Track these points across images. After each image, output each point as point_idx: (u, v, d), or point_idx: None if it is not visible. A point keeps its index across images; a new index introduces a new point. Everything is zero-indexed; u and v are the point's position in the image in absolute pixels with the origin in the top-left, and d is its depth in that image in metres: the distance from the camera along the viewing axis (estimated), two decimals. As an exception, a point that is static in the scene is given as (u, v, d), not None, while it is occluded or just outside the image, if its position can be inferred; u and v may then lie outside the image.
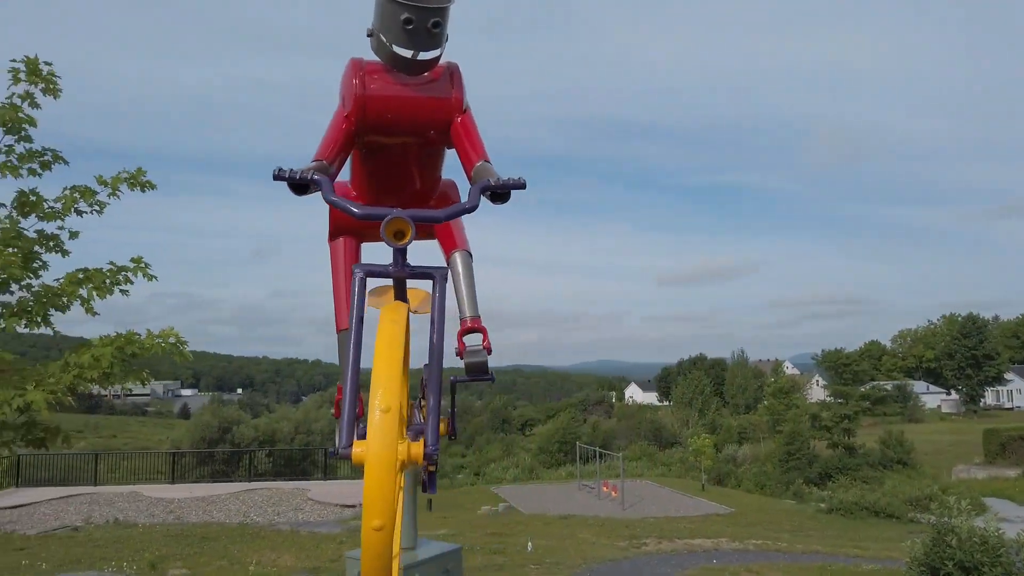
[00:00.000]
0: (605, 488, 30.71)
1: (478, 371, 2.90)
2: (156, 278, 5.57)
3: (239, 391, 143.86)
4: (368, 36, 2.76)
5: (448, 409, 3.07)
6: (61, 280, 5.18)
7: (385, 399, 1.68)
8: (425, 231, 3.28)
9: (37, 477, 24.19)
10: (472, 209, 2.47)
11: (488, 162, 2.86)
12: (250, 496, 20.96)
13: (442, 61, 3.01)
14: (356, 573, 3.02)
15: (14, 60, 5.00)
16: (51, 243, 5.49)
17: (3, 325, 4.98)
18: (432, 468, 2.94)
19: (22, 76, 5.07)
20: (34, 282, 5.30)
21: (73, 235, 5.55)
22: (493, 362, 2.90)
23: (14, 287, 5.24)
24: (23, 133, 5.20)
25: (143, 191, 5.52)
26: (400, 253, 2.23)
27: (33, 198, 5.25)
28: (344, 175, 3.23)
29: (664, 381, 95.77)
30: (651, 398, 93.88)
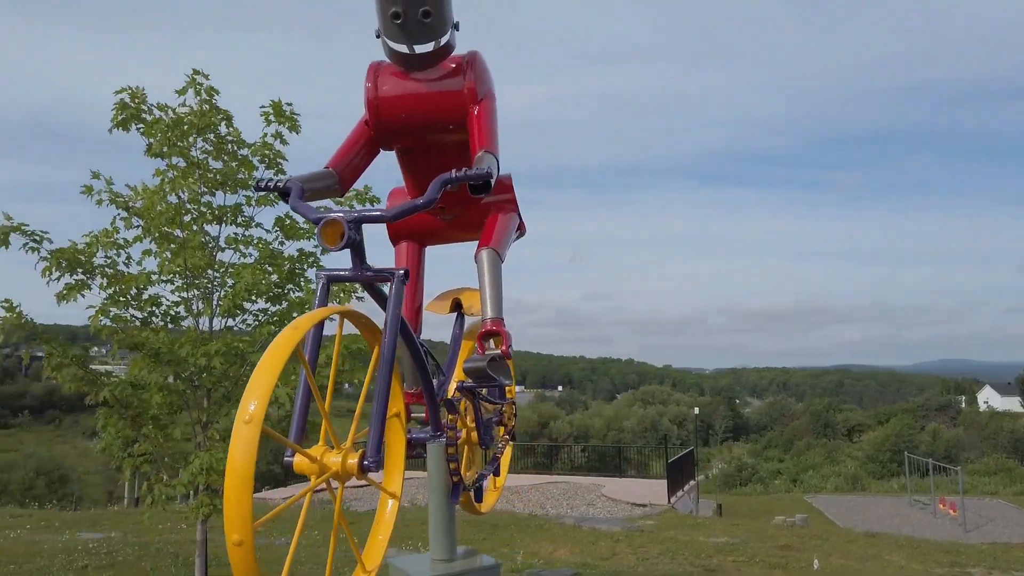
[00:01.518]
0: (942, 506, 26.82)
1: (476, 376, 2.76)
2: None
3: (559, 388, 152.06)
4: (377, 38, 2.74)
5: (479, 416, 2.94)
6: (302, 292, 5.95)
7: (255, 410, 1.62)
8: (471, 231, 3.15)
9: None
10: (427, 204, 2.33)
11: (490, 151, 2.69)
12: (549, 488, 22.01)
13: (463, 51, 2.90)
14: None
15: (263, 105, 5.87)
16: (310, 259, 6.34)
17: (266, 332, 5.86)
18: (456, 479, 2.83)
19: (272, 118, 5.92)
20: (296, 294, 6.16)
21: (324, 251, 6.35)
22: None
23: (284, 301, 6.15)
24: (279, 167, 6.07)
25: (372, 205, 6.11)
26: (357, 256, 2.18)
27: (288, 222, 6.11)
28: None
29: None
30: (1012, 403, 79.58)
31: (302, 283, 6.27)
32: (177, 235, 5.97)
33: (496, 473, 3.53)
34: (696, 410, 43.84)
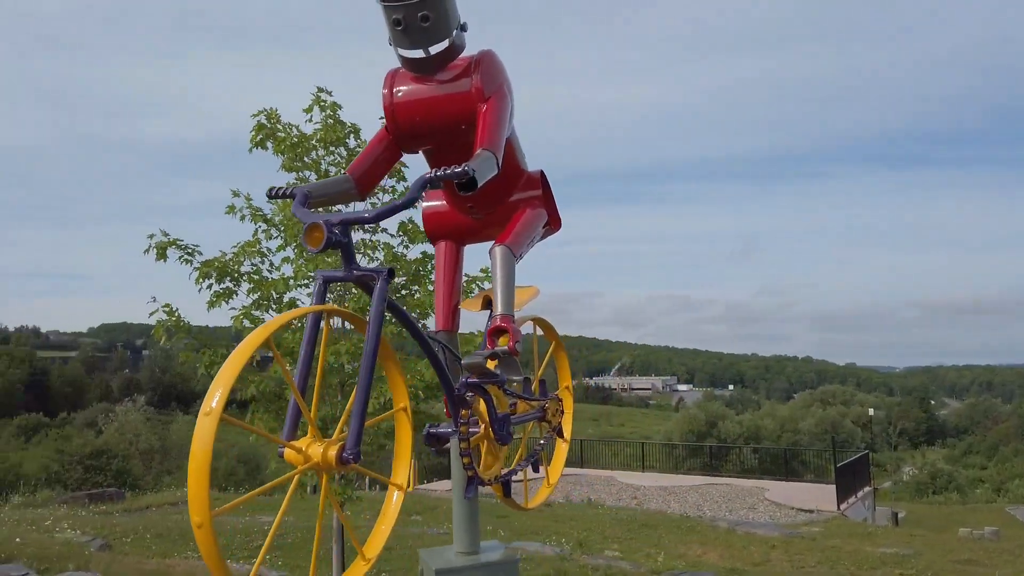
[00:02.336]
0: None
1: (475, 372, 2.77)
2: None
3: (730, 387, 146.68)
4: (390, 46, 2.82)
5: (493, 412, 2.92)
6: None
7: (216, 404, 1.73)
8: (503, 228, 3.13)
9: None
10: (407, 204, 2.38)
11: (489, 149, 2.67)
12: (709, 490, 21.35)
13: (474, 51, 2.94)
14: (423, 569, 3.03)
15: (381, 116, 6.18)
16: (431, 262, 6.63)
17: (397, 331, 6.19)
18: (471, 473, 2.82)
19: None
20: (418, 296, 6.47)
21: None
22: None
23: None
24: (401, 175, 6.39)
25: None
26: (345, 256, 2.26)
27: (411, 227, 6.41)
28: None
29: None
30: None
31: (428, 285, 6.56)
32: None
33: (536, 469, 3.52)
34: (872, 411, 40.61)
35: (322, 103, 6.22)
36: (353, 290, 6.20)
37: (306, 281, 6.35)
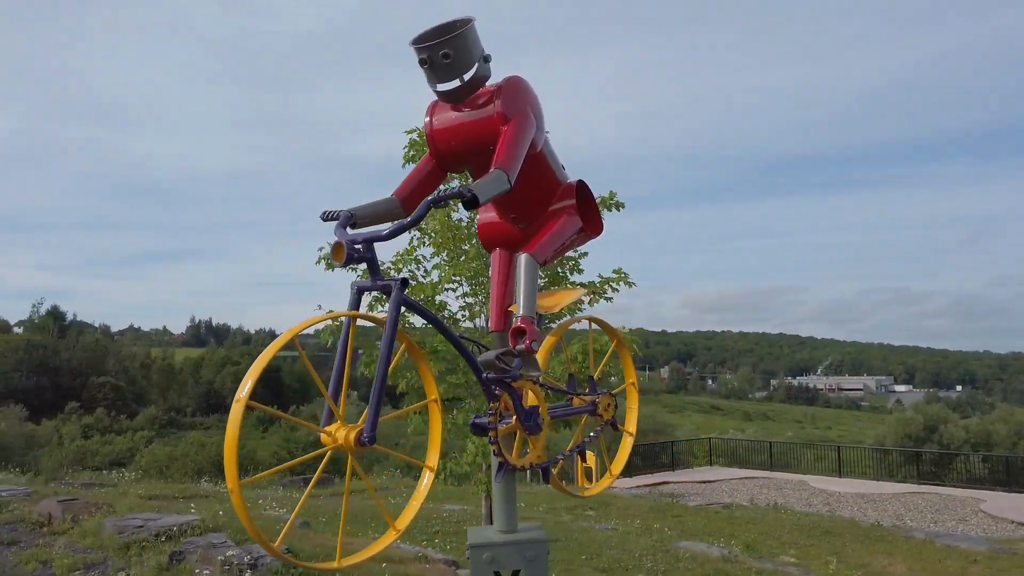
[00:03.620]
0: None
1: (487, 368, 2.95)
2: (635, 284, 6.42)
3: (958, 388, 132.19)
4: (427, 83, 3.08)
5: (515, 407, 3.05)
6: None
7: (245, 393, 2.08)
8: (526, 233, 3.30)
9: (753, 460, 27.95)
10: (414, 223, 2.59)
11: (502, 168, 2.82)
12: (914, 499, 19.68)
13: (500, 79, 3.14)
14: (469, 544, 3.21)
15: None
16: (568, 263, 6.91)
17: None
18: (501, 460, 2.96)
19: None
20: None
21: (582, 255, 6.87)
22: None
23: None
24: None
25: (617, 211, 6.46)
26: (370, 269, 2.55)
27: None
28: None
29: None
30: None
31: (567, 286, 6.86)
32: (464, 248, 7.00)
33: (583, 458, 3.65)
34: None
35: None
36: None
37: (452, 285, 6.89)
